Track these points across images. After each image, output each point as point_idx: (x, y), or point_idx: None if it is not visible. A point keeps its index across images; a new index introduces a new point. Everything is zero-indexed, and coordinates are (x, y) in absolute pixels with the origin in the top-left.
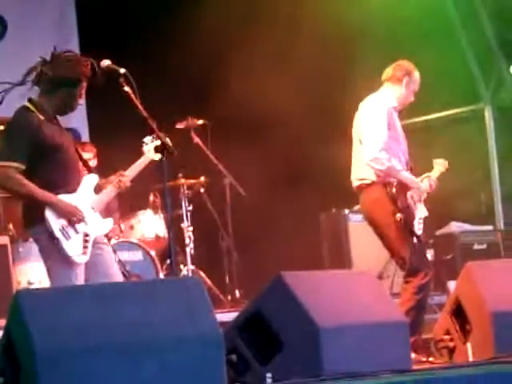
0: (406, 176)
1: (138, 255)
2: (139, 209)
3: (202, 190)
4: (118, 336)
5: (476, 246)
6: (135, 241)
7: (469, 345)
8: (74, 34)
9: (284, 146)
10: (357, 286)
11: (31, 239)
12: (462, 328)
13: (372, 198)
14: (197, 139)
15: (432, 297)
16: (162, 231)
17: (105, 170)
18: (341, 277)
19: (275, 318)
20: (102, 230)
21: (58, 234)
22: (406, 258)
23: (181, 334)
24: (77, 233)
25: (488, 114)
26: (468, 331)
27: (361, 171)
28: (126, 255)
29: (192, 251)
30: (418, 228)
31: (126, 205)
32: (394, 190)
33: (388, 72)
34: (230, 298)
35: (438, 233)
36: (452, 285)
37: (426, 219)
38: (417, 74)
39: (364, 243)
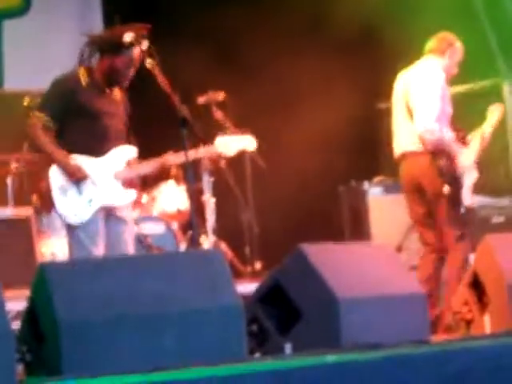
0: (456, 148)
1: (159, 228)
2: (161, 181)
3: (222, 163)
4: (140, 308)
5: (494, 219)
6: (156, 213)
7: (486, 317)
8: (97, 6)
9: (304, 120)
10: (376, 258)
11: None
12: (480, 300)
13: (420, 166)
14: (218, 114)
15: None
16: (184, 204)
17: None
18: (360, 249)
19: (295, 289)
20: (118, 200)
21: (54, 190)
22: (444, 229)
23: (202, 306)
24: (80, 194)
25: (506, 89)
26: (486, 303)
27: (408, 139)
28: (147, 228)
29: (213, 223)
30: (467, 197)
31: (149, 177)
32: (442, 161)
33: (431, 44)
34: (250, 269)
35: None
36: (470, 258)
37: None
38: (459, 45)
39: (383, 216)
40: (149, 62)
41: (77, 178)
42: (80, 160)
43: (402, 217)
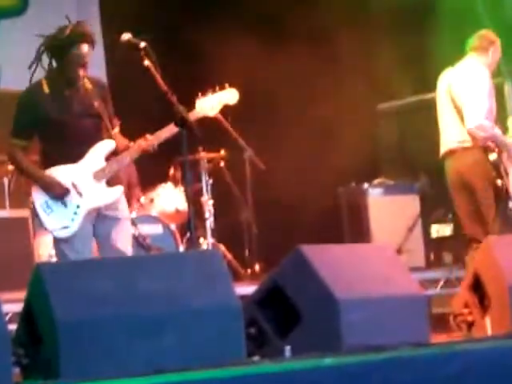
0: (507, 142)
1: (157, 229)
2: (159, 182)
3: (221, 164)
4: (138, 308)
5: None
6: (155, 214)
7: (487, 319)
8: (95, 7)
9: (305, 121)
10: (375, 259)
11: None
12: (481, 302)
13: (471, 161)
14: (217, 113)
15: (451, 271)
16: (182, 205)
17: None
18: (360, 250)
19: (294, 291)
20: (102, 199)
21: (38, 208)
22: (490, 225)
23: (200, 307)
24: (65, 206)
25: (508, 88)
26: (487, 305)
27: (458, 135)
28: (146, 229)
29: (212, 225)
30: None
31: (146, 178)
32: (494, 155)
33: (473, 43)
34: (249, 271)
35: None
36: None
37: (445, 193)
38: (499, 43)
39: (383, 217)
40: (146, 62)
41: (58, 194)
42: (58, 171)
43: (402, 218)
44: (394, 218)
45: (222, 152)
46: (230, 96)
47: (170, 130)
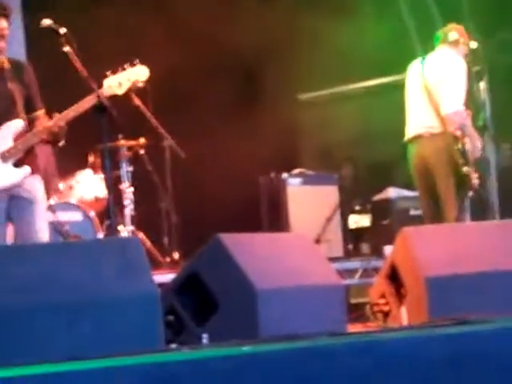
0: (475, 134)
1: (77, 216)
2: (78, 169)
3: (141, 152)
4: (56, 295)
5: (412, 212)
6: (74, 201)
7: (403, 309)
8: None
9: (224, 110)
10: (294, 249)
11: None
12: (397, 292)
13: (438, 146)
14: (137, 101)
15: (369, 261)
16: (102, 192)
17: None
18: (278, 239)
19: (212, 279)
20: (10, 179)
21: None
22: (450, 212)
23: (118, 294)
24: None
25: None
26: (403, 295)
27: (428, 121)
28: (65, 216)
29: (131, 212)
30: (476, 182)
31: (66, 165)
32: (464, 144)
33: (443, 36)
34: (168, 259)
35: (375, 198)
36: (388, 249)
37: (364, 185)
38: (467, 35)
39: (302, 207)
40: (66, 48)
41: None
42: None
43: (321, 208)
44: (313, 208)
45: (142, 140)
46: (139, 73)
47: (78, 107)
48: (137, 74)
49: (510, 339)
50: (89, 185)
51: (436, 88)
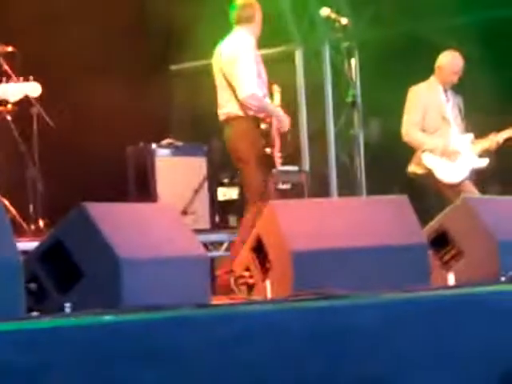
0: (277, 111)
1: None
2: None
3: (8, 118)
4: None
5: (280, 186)
6: None
7: (268, 282)
8: None
9: (92, 80)
10: (160, 219)
11: None
12: (262, 265)
13: (240, 130)
14: (5, 66)
15: (235, 234)
16: None
17: None
18: (144, 210)
19: (76, 248)
20: None
21: None
22: (258, 192)
23: None
24: None
25: (298, 56)
26: (268, 269)
27: (227, 105)
28: None
29: None
30: (278, 161)
31: None
32: (265, 125)
33: (237, 14)
34: (33, 227)
35: None
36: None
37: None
38: (259, 6)
39: (170, 179)
40: None
41: None
42: None
43: (189, 180)
44: (181, 179)
45: (9, 106)
46: (33, 89)
47: None
48: (30, 89)
49: (368, 314)
50: None
51: (230, 72)
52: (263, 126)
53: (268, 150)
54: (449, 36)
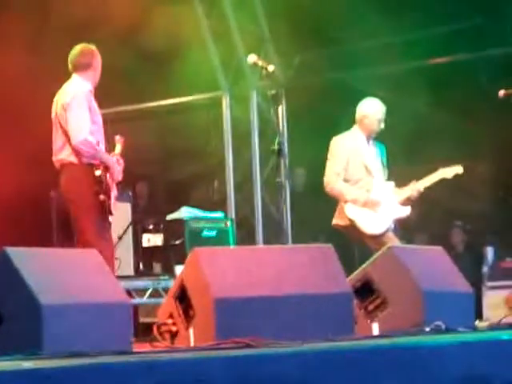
0: (110, 159)
1: None
2: None
3: None
4: None
5: (205, 233)
6: None
7: (191, 330)
8: None
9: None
10: (83, 265)
11: None
12: (186, 313)
13: (73, 178)
14: None
15: (159, 281)
16: None
17: None
18: (68, 255)
19: None
20: None
21: None
22: (91, 241)
23: None
24: None
25: (225, 102)
26: (191, 316)
27: (61, 152)
28: None
29: None
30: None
31: None
32: (99, 171)
33: (74, 62)
34: None
35: (168, 218)
36: (179, 269)
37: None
38: (96, 50)
39: None
40: None
41: None
42: None
43: (114, 225)
44: None
45: None
46: None
47: None
48: None
49: (291, 363)
50: None
51: (64, 119)
52: (97, 172)
53: (102, 196)
54: (376, 84)
